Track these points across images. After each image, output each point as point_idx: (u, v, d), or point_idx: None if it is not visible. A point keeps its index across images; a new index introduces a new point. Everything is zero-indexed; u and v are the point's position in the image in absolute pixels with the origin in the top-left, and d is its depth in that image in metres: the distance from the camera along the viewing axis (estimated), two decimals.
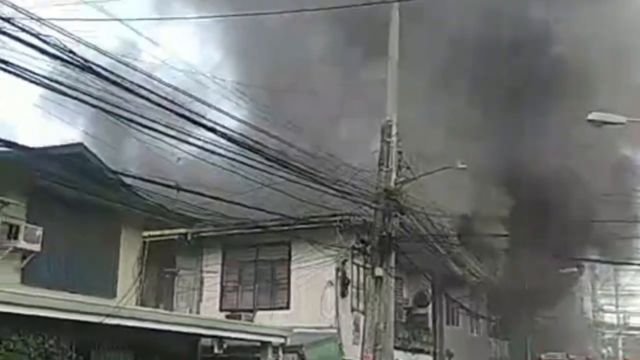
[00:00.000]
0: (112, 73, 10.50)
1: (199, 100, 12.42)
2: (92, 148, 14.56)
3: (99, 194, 14.13)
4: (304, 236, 19.03)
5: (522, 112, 24.71)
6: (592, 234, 27.73)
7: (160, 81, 11.46)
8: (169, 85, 11.66)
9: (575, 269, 30.37)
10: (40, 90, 10.17)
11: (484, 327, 33.39)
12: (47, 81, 10.05)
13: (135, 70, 11.25)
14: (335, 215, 18.67)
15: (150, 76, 11.43)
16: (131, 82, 10.78)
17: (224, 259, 20.95)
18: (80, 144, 14.33)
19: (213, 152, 12.89)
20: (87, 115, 12.85)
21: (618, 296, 53.10)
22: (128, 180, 14.06)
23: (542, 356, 25.82)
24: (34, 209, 13.79)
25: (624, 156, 27.71)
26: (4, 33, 9.08)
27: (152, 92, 11.12)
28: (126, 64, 11.14)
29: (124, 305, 13.55)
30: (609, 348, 52.50)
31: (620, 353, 50.70)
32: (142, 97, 10.88)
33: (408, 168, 17.91)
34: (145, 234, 16.71)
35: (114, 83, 10.52)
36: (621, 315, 55.05)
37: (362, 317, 18.88)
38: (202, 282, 20.86)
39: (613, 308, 53.91)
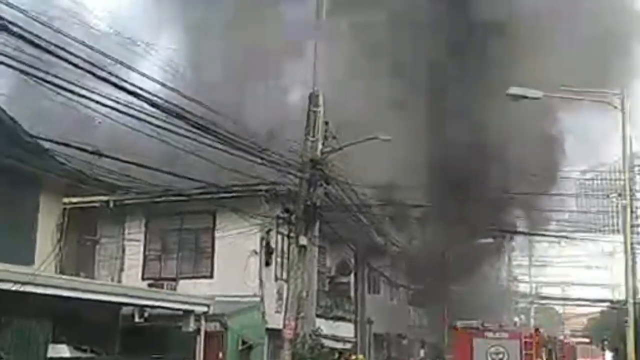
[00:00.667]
0: (29, 32, 10.10)
1: (118, 62, 12.10)
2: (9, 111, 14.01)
3: (16, 157, 13.65)
4: (228, 205, 18.97)
5: (446, 85, 25.09)
6: (509, 206, 28.58)
7: (77, 40, 11.09)
8: (87, 45, 11.31)
9: (491, 240, 31.30)
10: None
11: (403, 296, 34.16)
12: None
13: (53, 29, 10.85)
14: (260, 184, 18.65)
15: (67, 36, 11.05)
16: (48, 42, 10.41)
17: (147, 227, 20.66)
18: None
19: (135, 117, 12.65)
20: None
21: (531, 266, 55.12)
22: (47, 145, 13.63)
23: (458, 324, 26.49)
24: None
25: (541, 130, 28.52)
26: None
27: (70, 52, 10.77)
28: (43, 23, 10.73)
29: (41, 272, 13.26)
30: (522, 316, 54.54)
31: (532, 321, 52.74)
32: (59, 57, 10.53)
33: (334, 138, 18.05)
34: (66, 200, 16.27)
35: (31, 42, 10.13)
36: (534, 285, 57.27)
37: (285, 286, 19.02)
38: (124, 251, 20.55)
39: (527, 278, 55.95)
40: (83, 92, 11.64)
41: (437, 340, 33.66)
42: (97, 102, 11.99)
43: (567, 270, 54.12)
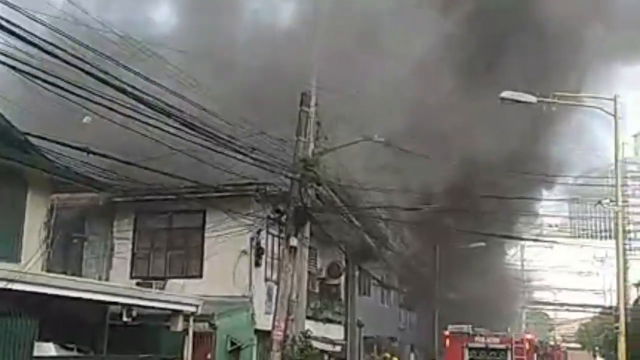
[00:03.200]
0: (16, 26, 10.00)
1: (110, 58, 12.00)
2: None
3: (3, 153, 13.51)
4: (218, 204, 18.86)
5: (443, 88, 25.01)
6: (501, 211, 28.55)
7: (65, 35, 10.98)
8: (75, 41, 11.22)
9: (482, 244, 31.28)
10: None
11: (394, 298, 34.10)
12: None
13: (43, 24, 10.76)
14: (251, 184, 18.56)
15: (56, 30, 10.95)
16: (37, 37, 10.32)
17: (135, 225, 20.54)
18: None
19: (123, 114, 12.55)
20: None
21: (523, 271, 55.16)
22: (35, 141, 13.51)
23: (449, 328, 26.50)
24: None
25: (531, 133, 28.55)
26: None
27: (58, 47, 10.68)
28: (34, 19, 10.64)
29: (28, 270, 13.11)
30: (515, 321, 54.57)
31: (523, 326, 52.79)
32: (47, 52, 10.43)
33: (326, 138, 17.99)
34: (54, 197, 16.13)
35: (21, 38, 10.04)
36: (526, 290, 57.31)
37: (275, 287, 18.94)
38: (112, 249, 20.41)
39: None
40: (71, 88, 11.59)
41: (428, 344, 33.60)
42: (85, 98, 11.91)
43: (559, 276, 54.23)
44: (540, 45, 25.43)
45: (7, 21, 10.28)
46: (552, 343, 43.15)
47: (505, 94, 18.47)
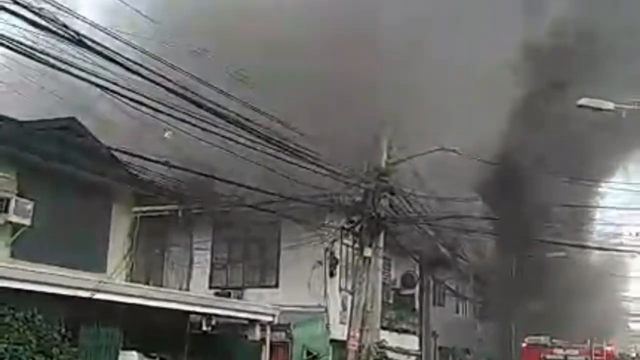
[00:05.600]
0: (104, 47, 10.43)
1: (187, 74, 12.34)
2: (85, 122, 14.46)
3: (90, 168, 14.08)
4: (294, 215, 19.04)
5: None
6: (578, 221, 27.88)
7: (148, 54, 11.36)
8: (158, 59, 11.59)
9: (563, 254, 30.54)
10: (34, 63, 10.12)
11: (470, 309, 33.65)
12: (39, 54, 10.02)
13: (129, 45, 11.19)
14: (325, 195, 18.67)
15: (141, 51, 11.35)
16: (122, 57, 10.73)
17: (214, 236, 20.93)
18: (72, 118, 14.23)
19: (201, 128, 12.89)
20: (80, 90, 12.72)
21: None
22: (118, 155, 14.02)
23: (526, 339, 26.03)
24: (25, 182, 13.64)
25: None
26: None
27: (142, 65, 11.07)
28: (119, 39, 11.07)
29: (113, 280, 13.60)
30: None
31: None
32: (132, 71, 10.82)
33: (400, 148, 17.98)
34: (137, 209, 16.67)
35: (106, 57, 10.45)
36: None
37: (349, 297, 19.00)
38: (192, 259, 20.84)
39: None
40: (152, 103, 12.00)
41: (504, 356, 32.99)
42: (166, 113, 12.30)
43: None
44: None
45: (94, 41, 10.76)
46: (633, 355, 41.74)
47: (583, 101, 18.10)
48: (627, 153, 31.80)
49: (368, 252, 18.39)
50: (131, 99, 11.41)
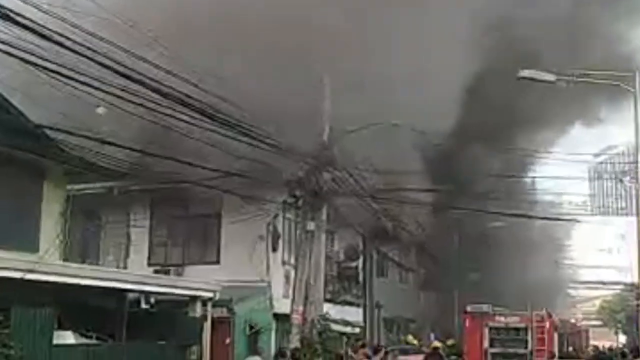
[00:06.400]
0: (26, 18, 9.99)
1: (123, 49, 11.98)
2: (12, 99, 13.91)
3: (20, 146, 13.60)
4: (235, 191, 18.83)
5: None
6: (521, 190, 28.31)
7: (76, 26, 10.95)
8: (85, 31, 11.19)
9: (503, 224, 31.04)
10: None
11: (413, 280, 34.06)
12: None
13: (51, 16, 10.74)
14: (267, 169, 18.47)
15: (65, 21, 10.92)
16: (48, 29, 10.30)
17: (152, 213, 20.63)
18: None
19: (137, 104, 12.55)
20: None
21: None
22: (50, 132, 13.58)
23: (468, 308, 26.42)
24: None
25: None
26: None
27: (69, 39, 10.67)
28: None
29: (46, 260, 13.24)
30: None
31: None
32: (59, 44, 10.42)
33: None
34: (69, 187, 16.23)
35: (27, 29, 10.02)
36: None
37: (293, 271, 18.98)
38: (129, 237, 20.50)
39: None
40: (86, 79, 11.60)
41: (447, 325, 33.56)
42: (100, 89, 11.92)
43: (579, 254, 53.77)
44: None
45: (18, 14, 10.31)
46: (572, 321, 42.93)
47: (524, 72, 18.27)
48: (568, 124, 32.36)
49: (311, 225, 18.36)
50: (59, 73, 10.97)
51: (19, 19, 10.22)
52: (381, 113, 18.07)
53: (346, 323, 23.82)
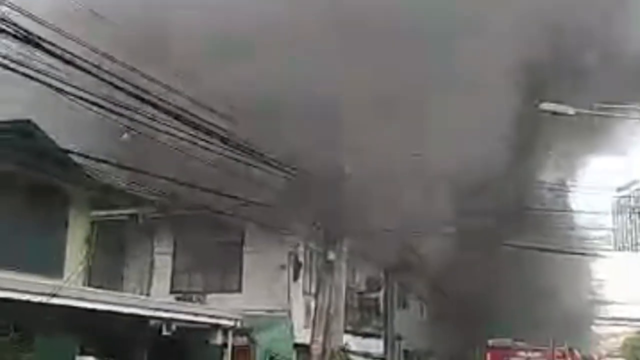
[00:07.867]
0: (55, 46, 10.18)
1: (152, 79, 12.16)
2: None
3: (47, 171, 13.79)
4: (257, 220, 18.87)
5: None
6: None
7: (104, 54, 11.14)
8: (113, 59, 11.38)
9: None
10: None
11: (427, 310, 33.71)
12: None
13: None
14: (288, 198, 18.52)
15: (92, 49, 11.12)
16: (74, 55, 10.50)
17: (175, 240, 20.70)
18: (27, 121, 13.95)
19: (165, 132, 12.71)
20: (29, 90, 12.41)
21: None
22: (75, 158, 13.77)
23: (490, 342, 26.21)
24: None
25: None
26: None
27: (95, 65, 10.85)
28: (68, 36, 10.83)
29: (69, 285, 13.34)
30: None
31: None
32: (85, 71, 10.59)
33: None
34: (94, 213, 16.40)
35: (57, 56, 10.22)
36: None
37: (313, 301, 18.92)
38: (152, 264, 20.54)
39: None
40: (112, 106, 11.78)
41: (468, 357, 33.16)
42: (119, 114, 12.07)
43: (605, 289, 52.97)
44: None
45: (50, 43, 10.53)
46: (595, 357, 42.25)
47: (544, 105, 18.24)
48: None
49: (332, 255, 18.34)
50: (87, 100, 11.16)
51: (48, 46, 10.43)
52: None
53: (366, 355, 23.65)
